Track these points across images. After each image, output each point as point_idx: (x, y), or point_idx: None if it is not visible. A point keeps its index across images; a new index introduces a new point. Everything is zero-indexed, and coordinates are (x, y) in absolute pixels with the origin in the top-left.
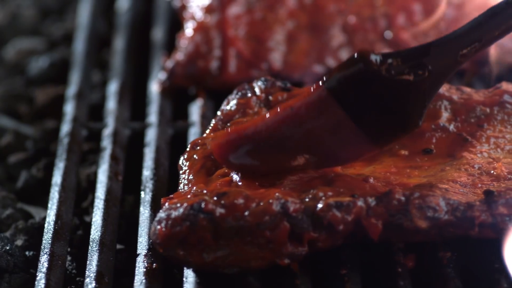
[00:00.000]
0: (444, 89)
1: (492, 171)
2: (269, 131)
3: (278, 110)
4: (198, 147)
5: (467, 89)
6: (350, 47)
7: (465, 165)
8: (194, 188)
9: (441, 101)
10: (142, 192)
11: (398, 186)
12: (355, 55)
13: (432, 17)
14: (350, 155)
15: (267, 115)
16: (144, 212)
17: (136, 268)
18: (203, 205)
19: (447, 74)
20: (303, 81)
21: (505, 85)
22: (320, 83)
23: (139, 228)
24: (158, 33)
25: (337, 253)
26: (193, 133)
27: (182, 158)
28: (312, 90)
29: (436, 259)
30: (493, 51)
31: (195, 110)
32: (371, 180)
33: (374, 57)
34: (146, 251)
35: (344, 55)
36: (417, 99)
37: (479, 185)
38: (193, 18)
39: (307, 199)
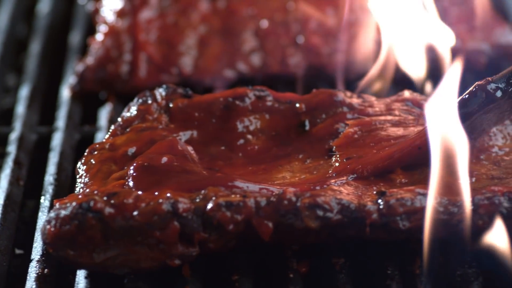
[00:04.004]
0: (345, 96)
1: (388, 176)
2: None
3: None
4: (96, 152)
5: (369, 97)
6: (261, 52)
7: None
8: (88, 190)
9: (341, 107)
10: (42, 197)
11: (296, 187)
12: (475, 89)
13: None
14: None
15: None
16: (43, 217)
17: (28, 274)
18: (91, 204)
19: None
20: (214, 85)
21: (407, 93)
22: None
23: (36, 233)
24: (75, 37)
25: (230, 259)
26: (100, 138)
27: (79, 162)
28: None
29: (329, 265)
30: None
31: (104, 115)
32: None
33: (490, 87)
34: (39, 257)
35: (255, 59)
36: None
37: (374, 187)
38: (105, 22)
39: (197, 199)
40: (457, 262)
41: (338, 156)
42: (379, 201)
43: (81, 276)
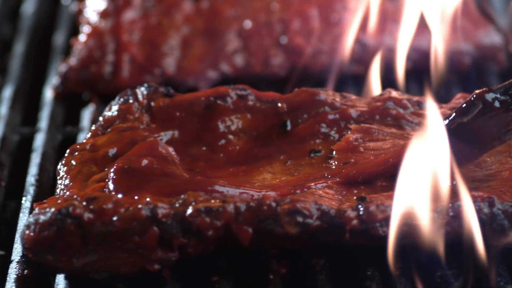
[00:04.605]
0: (327, 95)
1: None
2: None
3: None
4: (76, 153)
5: (352, 96)
6: (244, 52)
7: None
8: (68, 193)
9: (323, 107)
10: (23, 198)
11: (276, 190)
12: (473, 98)
13: None
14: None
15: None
16: (23, 218)
17: (8, 275)
18: (70, 209)
19: None
20: (197, 86)
21: (388, 92)
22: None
23: (17, 235)
24: (59, 38)
25: (210, 260)
26: (82, 139)
27: (60, 163)
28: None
29: (309, 266)
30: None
31: (87, 116)
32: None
33: (488, 96)
34: (20, 258)
35: (239, 60)
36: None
37: (355, 191)
38: (88, 22)
39: (177, 205)
40: (437, 263)
41: (335, 159)
42: (359, 207)
43: (61, 277)
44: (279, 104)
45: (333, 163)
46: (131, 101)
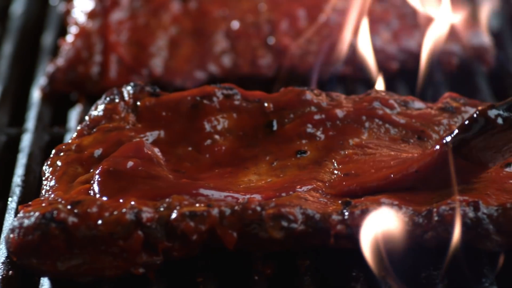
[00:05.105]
0: (313, 95)
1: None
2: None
3: (401, 174)
4: (62, 153)
5: (338, 96)
6: (232, 53)
7: (329, 174)
8: (53, 195)
9: (310, 107)
10: (9, 199)
11: (262, 193)
12: (476, 115)
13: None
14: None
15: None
16: (9, 219)
17: None
18: (55, 214)
19: None
20: (185, 86)
21: (375, 92)
22: (444, 144)
23: (2, 235)
24: (47, 38)
25: (195, 260)
26: (69, 139)
27: (45, 164)
28: (435, 151)
29: (294, 267)
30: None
31: (74, 116)
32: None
33: (491, 113)
34: (4, 258)
35: (226, 60)
36: None
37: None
38: (76, 23)
39: (161, 209)
40: (422, 264)
41: (335, 169)
42: (344, 211)
43: (45, 278)
44: (266, 104)
45: (333, 172)
46: (117, 100)
